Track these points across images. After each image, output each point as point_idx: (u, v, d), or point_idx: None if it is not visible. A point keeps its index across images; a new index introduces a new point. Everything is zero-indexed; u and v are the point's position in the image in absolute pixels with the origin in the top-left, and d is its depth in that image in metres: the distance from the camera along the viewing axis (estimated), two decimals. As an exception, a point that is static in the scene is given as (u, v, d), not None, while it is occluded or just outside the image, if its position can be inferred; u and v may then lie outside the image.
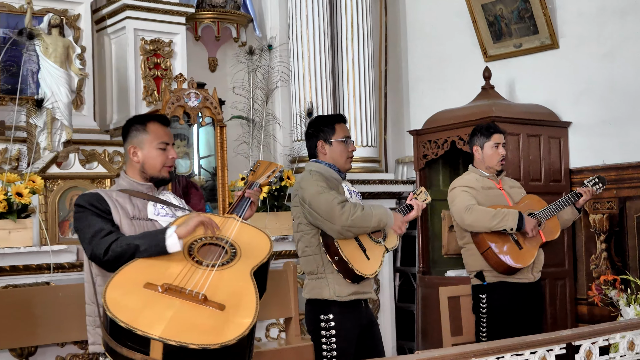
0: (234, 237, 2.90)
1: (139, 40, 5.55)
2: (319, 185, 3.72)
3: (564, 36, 6.23)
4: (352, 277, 3.74)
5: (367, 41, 6.58)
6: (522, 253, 4.50)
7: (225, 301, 2.59)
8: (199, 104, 4.85)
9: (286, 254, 5.15)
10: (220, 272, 2.72)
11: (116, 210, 2.92)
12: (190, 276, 2.67)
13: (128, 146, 3.07)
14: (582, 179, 5.99)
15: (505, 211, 4.43)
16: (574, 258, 6.09)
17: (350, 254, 3.70)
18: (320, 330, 3.81)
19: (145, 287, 2.59)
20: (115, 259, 2.77)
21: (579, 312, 6.07)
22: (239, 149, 5.41)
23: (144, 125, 3.07)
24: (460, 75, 6.84)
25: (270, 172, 3.33)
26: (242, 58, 5.68)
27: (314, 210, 3.70)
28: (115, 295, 2.54)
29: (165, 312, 2.50)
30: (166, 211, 3.04)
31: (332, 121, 3.93)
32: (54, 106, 4.84)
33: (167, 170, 3.07)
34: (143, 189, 3.05)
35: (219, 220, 2.97)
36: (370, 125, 6.55)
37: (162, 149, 3.04)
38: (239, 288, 2.68)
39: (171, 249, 2.75)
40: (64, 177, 4.65)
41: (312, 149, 3.94)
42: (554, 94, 6.26)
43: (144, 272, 2.68)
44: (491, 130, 4.63)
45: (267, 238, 2.97)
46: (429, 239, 6.42)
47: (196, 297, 2.57)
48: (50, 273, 4.26)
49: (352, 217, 3.64)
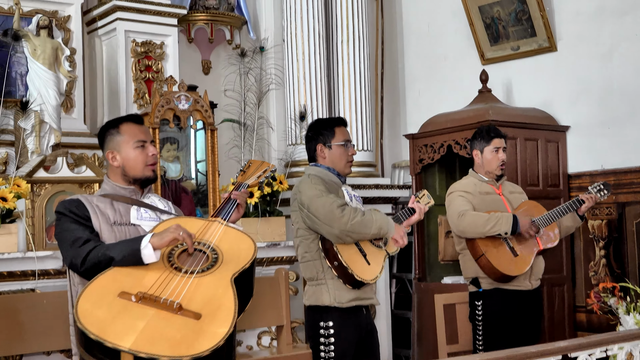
0: (217, 242, 2.80)
1: (130, 42, 5.46)
2: (318, 188, 3.66)
3: (561, 38, 6.14)
4: (352, 283, 3.67)
5: (363, 43, 6.50)
6: (517, 260, 4.42)
7: (201, 310, 2.50)
8: (190, 107, 4.76)
9: (278, 260, 5.06)
10: (199, 279, 2.63)
11: (96, 216, 2.85)
12: (167, 284, 2.58)
13: (106, 152, 3.00)
14: (581, 183, 5.93)
15: (498, 215, 4.35)
16: (572, 264, 5.99)
17: (350, 259, 3.62)
18: (319, 337, 3.75)
19: (119, 297, 2.52)
20: (92, 268, 2.70)
21: (578, 319, 5.97)
22: (231, 152, 5.32)
23: (117, 128, 3.00)
24: (457, 78, 6.76)
25: (261, 172, 3.24)
26: (233, 60, 5.59)
27: (313, 213, 3.64)
28: (87, 306, 2.46)
29: (137, 323, 2.42)
30: (150, 215, 2.96)
31: (332, 124, 3.87)
32: (41, 109, 4.75)
33: (150, 169, 2.98)
34: (126, 192, 2.97)
35: (201, 224, 2.88)
36: (366, 129, 6.47)
37: (140, 146, 2.96)
38: (217, 296, 2.58)
39: (147, 259, 2.67)
40: (51, 182, 4.56)
41: (312, 153, 3.87)
42: (552, 97, 6.18)
43: (119, 280, 2.61)
44: (492, 134, 4.55)
45: (251, 242, 2.86)
46: (425, 244, 6.33)
47: (171, 306, 2.48)
48: (35, 280, 4.16)
49: (352, 221, 3.57)
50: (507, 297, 4.43)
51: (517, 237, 4.42)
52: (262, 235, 4.99)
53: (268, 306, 4.66)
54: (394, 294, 6.88)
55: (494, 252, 4.38)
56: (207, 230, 2.86)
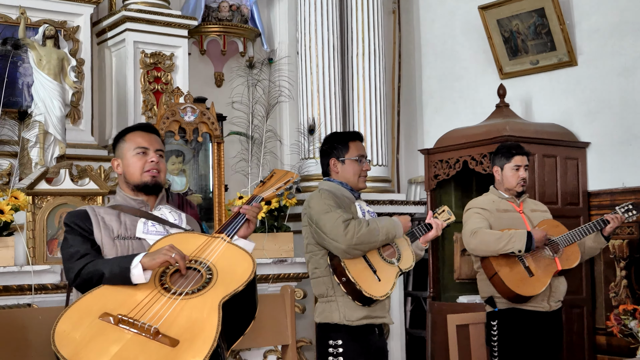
0: (215, 260, 2.66)
1: (139, 53, 5.38)
2: (326, 203, 3.56)
3: (582, 53, 5.98)
4: (362, 300, 3.54)
5: (379, 57, 6.39)
6: (532, 281, 4.25)
7: (180, 335, 2.38)
8: (195, 119, 4.66)
9: (284, 277, 4.92)
10: (185, 302, 2.50)
11: (99, 229, 2.80)
12: (151, 306, 2.47)
13: (112, 160, 3.00)
14: (601, 202, 5.75)
15: (512, 232, 4.20)
16: (592, 286, 5.80)
17: (358, 275, 3.50)
18: (327, 355, 3.63)
19: (100, 318, 2.43)
20: (84, 284, 2.65)
21: (597, 342, 5.78)
22: (238, 166, 5.21)
23: (124, 136, 2.98)
24: (474, 93, 6.64)
25: (282, 183, 3.11)
26: (241, 72, 5.48)
27: (320, 229, 3.55)
28: (65, 327, 2.40)
29: (110, 347, 2.33)
30: (157, 229, 2.88)
31: (346, 139, 3.76)
32: (45, 119, 4.67)
33: (148, 174, 2.90)
34: (135, 204, 2.91)
35: (203, 240, 2.76)
36: (382, 144, 6.34)
37: (140, 153, 2.91)
38: (200, 321, 2.44)
39: (136, 279, 2.57)
40: (53, 194, 4.47)
41: (325, 167, 3.78)
42: (571, 113, 6.02)
43: (104, 300, 2.52)
44: (513, 151, 4.41)
45: (251, 262, 2.70)
46: (440, 262, 6.16)
47: (148, 330, 2.37)
48: (32, 294, 4.06)
49: (358, 234, 3.46)
50: (524, 317, 4.27)
51: (534, 256, 4.26)
52: (269, 251, 4.87)
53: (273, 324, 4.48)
54: (409, 312, 6.73)
55: (507, 271, 4.23)
56: (207, 247, 2.73)
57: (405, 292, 6.62)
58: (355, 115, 6.32)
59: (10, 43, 4.42)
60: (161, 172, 2.95)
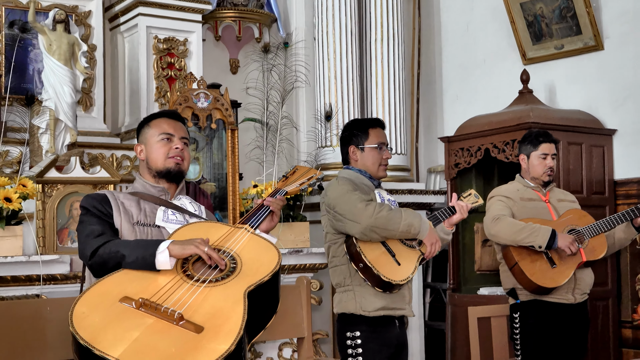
0: (238, 250, 2.61)
1: (152, 38, 5.26)
2: (344, 188, 3.45)
3: (608, 37, 5.79)
4: (381, 285, 3.40)
5: (399, 43, 6.23)
6: (554, 272, 4.10)
7: (205, 322, 2.30)
8: (209, 105, 4.52)
9: (300, 267, 4.79)
10: (209, 289, 2.43)
11: (118, 213, 2.73)
12: (174, 292, 2.40)
13: (135, 146, 2.93)
14: (628, 190, 5.57)
15: (536, 227, 4.04)
16: (618, 277, 5.62)
17: (375, 259, 3.38)
18: (346, 348, 3.53)
19: (120, 302, 2.35)
20: (101, 265, 2.58)
21: (623, 336, 5.61)
22: (252, 154, 5.07)
23: (149, 122, 2.91)
24: (497, 80, 6.45)
25: (305, 179, 3.06)
26: (256, 56, 5.34)
27: (338, 212, 3.43)
28: (84, 309, 2.32)
29: (131, 332, 2.25)
30: (177, 218, 2.81)
31: (366, 126, 3.64)
32: (56, 106, 4.57)
33: (172, 160, 2.83)
34: (155, 192, 2.85)
35: (226, 230, 2.71)
36: (400, 132, 6.19)
37: (165, 139, 2.84)
38: (226, 309, 2.36)
39: (160, 265, 2.50)
40: (63, 182, 4.37)
41: (344, 155, 3.67)
42: (597, 99, 5.82)
43: (124, 284, 2.44)
44: (540, 139, 4.26)
45: (276, 253, 2.64)
46: (460, 253, 6.01)
47: (172, 316, 2.29)
48: (40, 285, 3.96)
49: (377, 215, 3.34)
50: (546, 310, 4.13)
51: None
52: (285, 241, 4.74)
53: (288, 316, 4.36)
54: (428, 304, 6.60)
55: (528, 262, 4.10)
56: (230, 236, 2.68)
57: (424, 284, 6.50)
58: (373, 102, 6.18)
59: (17, 25, 4.30)
60: (185, 160, 2.89)
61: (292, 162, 5.61)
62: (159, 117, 2.92)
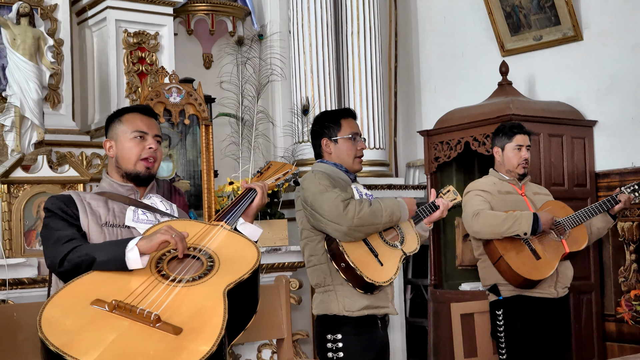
0: (216, 248, 2.49)
1: (122, 32, 5.09)
2: (322, 184, 3.29)
3: (588, 27, 5.71)
4: (363, 286, 3.27)
5: (375, 36, 6.12)
6: (540, 264, 4.02)
7: (184, 324, 2.19)
8: (181, 100, 4.36)
9: (279, 266, 4.65)
10: (187, 289, 2.31)
11: (85, 215, 2.60)
12: (149, 292, 2.28)
13: (104, 141, 2.77)
14: (610, 182, 5.51)
15: (517, 214, 3.97)
16: (601, 270, 5.56)
17: (359, 260, 3.23)
18: (326, 351, 3.36)
19: (92, 305, 2.22)
20: (72, 270, 2.43)
21: (607, 329, 5.54)
22: (227, 150, 4.92)
23: (121, 117, 2.75)
24: (475, 72, 6.37)
25: (281, 174, 2.95)
26: (230, 49, 5.18)
27: (317, 211, 3.27)
28: (54, 313, 2.19)
29: (106, 336, 2.12)
30: (148, 217, 2.68)
31: (338, 116, 3.49)
32: (22, 103, 4.39)
33: (143, 165, 2.69)
34: (124, 191, 2.71)
35: (200, 227, 2.58)
36: (378, 126, 6.08)
37: (138, 137, 2.69)
38: (205, 309, 2.25)
39: (132, 264, 2.37)
40: (30, 182, 4.19)
41: (317, 149, 3.51)
42: (578, 90, 5.75)
43: (96, 286, 2.31)
44: (514, 130, 4.18)
45: (256, 250, 2.53)
46: (441, 249, 5.91)
47: (148, 317, 2.17)
48: (6, 290, 3.78)
49: (359, 214, 3.19)
50: (530, 305, 4.05)
51: (540, 238, 4.05)
52: (263, 239, 4.59)
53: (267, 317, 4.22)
54: (409, 300, 6.50)
55: (513, 255, 4.01)
56: (206, 234, 2.56)
57: (405, 280, 6.40)
58: (350, 95, 6.07)
59: (-23, 19, 4.12)
60: (157, 162, 2.75)
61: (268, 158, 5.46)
62: (131, 112, 2.77)
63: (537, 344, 4.06)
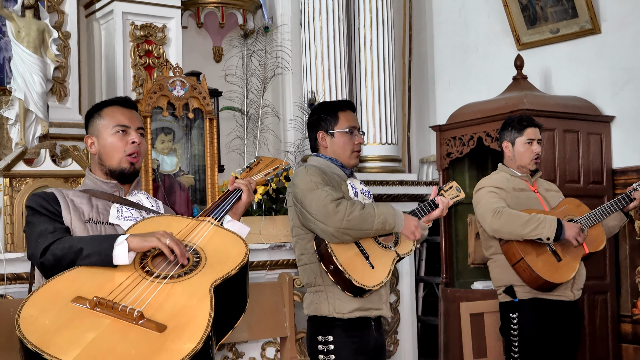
0: (202, 244, 2.44)
1: (129, 25, 5.01)
2: (313, 180, 3.18)
3: (606, 20, 5.57)
4: (352, 290, 3.16)
5: (389, 29, 6.00)
6: (561, 266, 3.91)
7: (168, 321, 2.13)
8: (185, 93, 4.28)
9: (283, 263, 4.56)
10: (171, 286, 2.25)
11: (68, 211, 2.54)
12: (132, 289, 2.22)
13: (85, 138, 2.70)
14: (627, 180, 5.37)
15: (541, 217, 3.83)
16: (617, 270, 5.42)
17: (348, 262, 3.12)
18: (318, 353, 3.25)
19: (73, 302, 2.16)
20: (54, 263, 2.38)
21: (622, 331, 5.42)
22: (232, 144, 4.84)
23: (100, 111, 2.68)
24: (491, 67, 6.26)
25: (271, 169, 2.88)
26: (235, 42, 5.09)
27: (306, 209, 3.17)
28: (33, 311, 2.14)
29: (86, 334, 2.08)
30: (132, 215, 2.62)
31: (336, 109, 3.38)
32: (26, 96, 4.34)
33: (128, 160, 2.63)
34: (108, 188, 2.65)
35: (187, 223, 2.53)
36: (390, 121, 5.97)
37: (120, 132, 2.63)
38: (190, 306, 2.20)
39: (118, 259, 2.31)
40: (33, 176, 4.14)
41: (313, 141, 3.42)
42: (595, 85, 5.61)
43: (78, 282, 2.26)
44: (524, 123, 4.05)
45: (244, 246, 2.47)
46: (453, 246, 5.80)
47: (130, 315, 2.12)
48: (4, 284, 3.74)
49: (349, 217, 3.08)
50: (547, 308, 3.94)
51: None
52: (266, 235, 4.51)
53: (270, 315, 4.18)
54: (422, 298, 6.40)
55: (534, 257, 3.88)
56: (193, 229, 2.51)
57: (417, 278, 6.29)
58: (362, 90, 5.96)
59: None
60: (141, 156, 2.69)
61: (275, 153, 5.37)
62: (110, 106, 2.70)
63: (550, 346, 3.96)
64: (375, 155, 5.93)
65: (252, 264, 4.42)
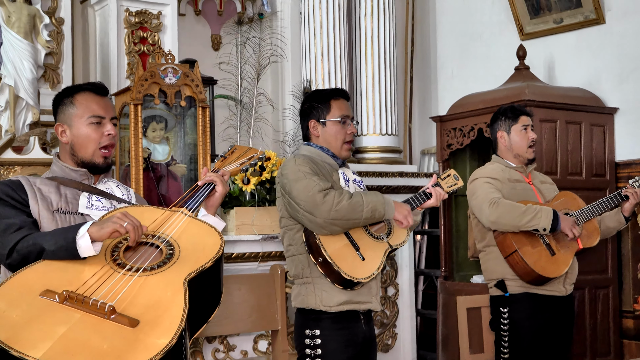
0: (176, 235, 2.36)
1: (123, 11, 4.94)
2: (301, 170, 3.09)
3: (610, 9, 5.46)
4: (342, 282, 3.08)
5: (390, 18, 5.90)
6: (555, 260, 3.82)
7: (140, 315, 2.06)
8: (177, 81, 4.20)
9: (276, 255, 4.49)
10: (144, 279, 2.19)
11: (35, 200, 2.45)
12: (103, 282, 2.15)
13: (55, 125, 2.58)
14: (630, 173, 5.27)
15: (537, 207, 3.75)
16: (619, 264, 5.32)
17: (337, 254, 3.04)
18: (304, 347, 3.18)
19: (42, 296, 2.08)
20: (21, 262, 2.29)
21: (624, 326, 5.32)
22: (225, 133, 4.76)
23: (72, 98, 2.57)
24: (494, 57, 6.15)
25: (246, 159, 2.80)
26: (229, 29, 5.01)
27: (293, 200, 3.08)
28: (1, 305, 2.05)
29: (56, 329, 2.00)
30: (103, 204, 2.54)
31: (328, 97, 3.28)
32: (16, 83, 4.28)
33: (101, 154, 2.55)
34: (77, 176, 2.56)
35: (160, 214, 2.45)
36: (391, 111, 5.87)
37: (95, 123, 2.53)
38: (164, 299, 2.13)
39: (84, 252, 2.22)
40: (21, 164, 4.09)
41: (305, 130, 3.33)
42: (599, 76, 5.49)
43: (47, 275, 2.18)
44: (517, 111, 3.97)
45: (218, 237, 2.40)
46: (453, 239, 5.71)
47: (102, 309, 2.04)
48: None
49: (337, 207, 2.99)
50: (538, 303, 3.85)
51: (554, 233, 3.82)
52: (259, 226, 4.43)
53: (262, 307, 4.10)
54: (422, 291, 6.32)
55: (528, 249, 3.79)
56: (166, 221, 2.42)
57: (417, 271, 6.21)
58: (362, 80, 5.86)
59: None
60: (114, 147, 2.61)
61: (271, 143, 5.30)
62: (82, 92, 2.59)
63: (541, 342, 3.87)
64: (375, 146, 5.85)
65: (244, 255, 4.35)
